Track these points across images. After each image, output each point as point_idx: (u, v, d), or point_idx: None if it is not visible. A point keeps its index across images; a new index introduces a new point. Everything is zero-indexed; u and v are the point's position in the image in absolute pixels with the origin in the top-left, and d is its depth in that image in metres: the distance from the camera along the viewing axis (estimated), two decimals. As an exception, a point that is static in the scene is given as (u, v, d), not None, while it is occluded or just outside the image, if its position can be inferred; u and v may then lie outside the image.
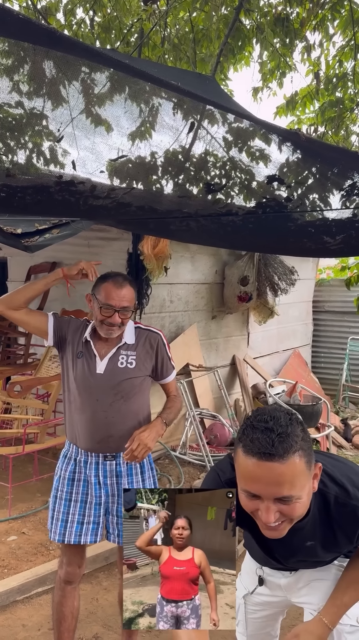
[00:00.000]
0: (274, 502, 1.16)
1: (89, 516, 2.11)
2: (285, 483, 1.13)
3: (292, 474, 1.13)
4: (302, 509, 1.20)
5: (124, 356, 2.13)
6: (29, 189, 2.08)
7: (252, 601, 1.71)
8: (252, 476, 1.15)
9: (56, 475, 2.18)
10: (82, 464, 2.13)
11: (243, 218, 2.35)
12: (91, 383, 2.09)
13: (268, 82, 4.85)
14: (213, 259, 5.58)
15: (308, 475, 1.19)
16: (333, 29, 4.39)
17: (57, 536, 2.10)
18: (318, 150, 2.10)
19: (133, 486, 2.14)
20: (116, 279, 2.10)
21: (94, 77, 1.83)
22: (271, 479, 1.13)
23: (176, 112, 2.04)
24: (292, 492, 1.14)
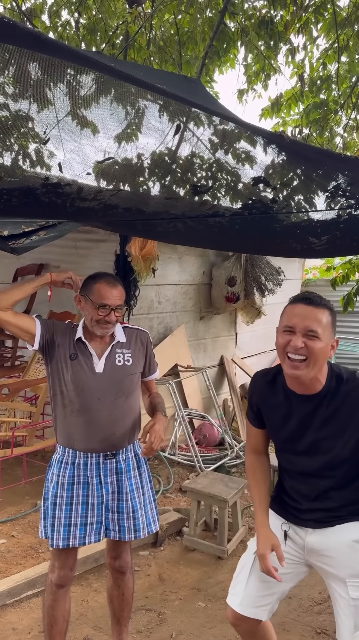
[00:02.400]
0: (303, 335, 1.60)
1: (92, 517, 2.12)
2: (315, 321, 1.60)
3: (320, 318, 1.60)
4: (319, 352, 1.59)
5: (120, 354, 2.17)
6: (15, 191, 2.08)
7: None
8: (295, 313, 1.64)
9: (51, 482, 2.14)
10: (81, 467, 2.12)
11: (230, 219, 2.37)
12: (91, 383, 2.10)
13: (253, 84, 4.89)
14: (201, 260, 5.60)
15: (329, 332, 1.62)
16: (316, 31, 4.44)
17: (60, 542, 2.07)
18: (302, 152, 2.13)
19: (131, 481, 2.18)
20: (108, 279, 2.15)
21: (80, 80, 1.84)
22: (307, 315, 1.61)
23: (162, 114, 2.05)
24: (318, 329, 1.59)
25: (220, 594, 2.96)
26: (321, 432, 1.69)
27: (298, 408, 1.72)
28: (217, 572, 3.19)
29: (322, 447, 1.70)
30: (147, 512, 2.22)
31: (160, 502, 4.02)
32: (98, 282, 2.12)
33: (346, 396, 1.66)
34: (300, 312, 1.62)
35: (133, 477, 2.19)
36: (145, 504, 2.22)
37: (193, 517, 3.45)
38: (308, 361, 1.60)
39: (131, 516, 2.16)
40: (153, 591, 2.99)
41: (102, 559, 3.15)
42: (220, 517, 3.34)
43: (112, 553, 2.27)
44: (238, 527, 3.51)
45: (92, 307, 2.09)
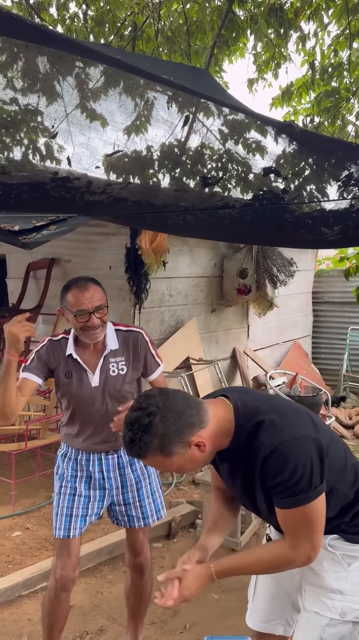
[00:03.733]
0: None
1: (92, 509, 2.15)
2: (157, 467, 1.49)
3: (155, 464, 1.39)
4: (191, 468, 1.40)
5: (114, 364, 2.11)
6: (25, 186, 2.08)
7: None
8: None
9: (56, 474, 2.19)
10: (83, 462, 2.15)
11: (240, 211, 2.35)
12: (88, 397, 2.09)
13: (263, 73, 4.82)
14: (212, 252, 5.58)
15: (172, 458, 1.35)
16: (327, 18, 4.36)
17: (62, 532, 2.09)
18: (313, 142, 2.10)
19: (138, 473, 2.20)
20: (78, 283, 2.03)
21: (88, 72, 1.82)
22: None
23: (170, 105, 2.03)
24: (167, 469, 1.41)
25: (233, 586, 2.96)
26: (242, 484, 1.49)
27: (222, 462, 1.54)
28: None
29: (249, 497, 1.52)
30: (156, 499, 2.24)
31: (173, 495, 4.03)
32: (70, 291, 2.02)
33: (250, 455, 1.39)
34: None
35: (138, 468, 2.20)
36: (153, 492, 2.23)
37: (206, 509, 3.45)
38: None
39: (138, 505, 2.18)
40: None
41: (116, 550, 3.18)
42: (233, 509, 3.34)
43: (133, 550, 2.26)
44: (251, 520, 3.51)
45: (71, 316, 2.01)
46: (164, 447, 1.33)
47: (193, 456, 1.36)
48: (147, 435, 1.31)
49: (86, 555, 3.07)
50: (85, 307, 1.98)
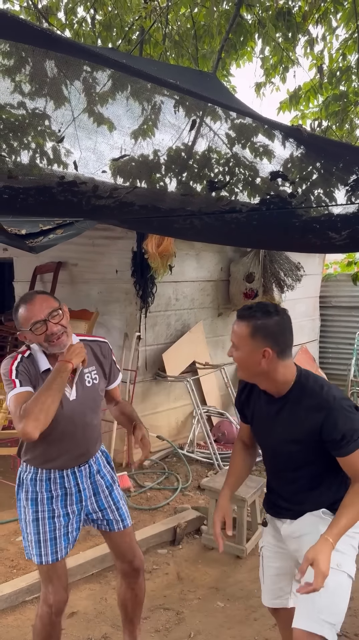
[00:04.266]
0: (232, 346, 1.84)
1: (72, 525, 2.09)
2: (233, 333, 1.83)
3: (237, 331, 1.80)
4: (239, 360, 1.81)
5: (88, 374, 2.10)
6: (32, 190, 2.07)
7: (266, 553, 1.99)
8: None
9: (27, 500, 2.08)
10: (57, 480, 2.07)
11: (247, 215, 2.33)
12: (66, 411, 2.01)
13: (271, 77, 4.81)
14: (218, 256, 5.56)
15: (251, 342, 1.75)
16: (336, 21, 4.35)
17: (49, 557, 2.02)
18: (321, 146, 2.08)
19: (107, 477, 2.20)
20: (23, 299, 2.00)
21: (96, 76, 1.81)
22: (233, 328, 1.84)
23: (177, 109, 2.02)
24: (234, 340, 1.82)
25: (238, 594, 2.93)
26: (281, 433, 1.82)
27: (266, 408, 1.88)
28: (236, 571, 3.17)
29: (282, 447, 1.84)
30: (124, 504, 2.24)
31: (179, 500, 4.01)
32: (18, 311, 1.98)
33: (307, 405, 1.76)
34: (233, 325, 1.87)
35: (106, 473, 2.21)
36: (122, 496, 2.25)
37: (212, 515, 3.43)
38: (237, 365, 1.85)
39: (114, 508, 2.17)
40: (171, 590, 2.98)
41: (121, 556, 3.16)
42: (239, 516, 3.31)
43: (124, 556, 2.22)
44: (257, 526, 3.48)
45: (30, 333, 1.94)
46: (256, 328, 1.75)
47: (254, 357, 1.75)
48: (259, 313, 1.77)
49: (90, 561, 3.05)
50: (37, 318, 1.92)
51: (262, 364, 1.75)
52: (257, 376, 1.82)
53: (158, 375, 4.94)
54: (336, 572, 1.68)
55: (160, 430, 4.94)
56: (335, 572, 1.67)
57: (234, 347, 1.82)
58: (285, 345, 1.78)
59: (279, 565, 1.95)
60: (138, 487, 4.17)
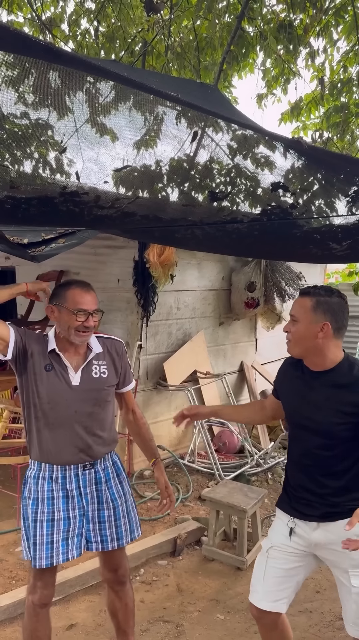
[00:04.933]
0: (291, 319, 1.91)
1: (73, 530, 2.07)
2: (295, 307, 1.90)
3: (300, 304, 1.88)
4: (298, 334, 1.88)
5: (96, 366, 2.12)
6: (34, 200, 2.08)
7: (275, 555, 1.95)
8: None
9: (29, 499, 2.08)
10: (59, 480, 2.07)
11: (248, 225, 2.34)
12: (67, 395, 2.04)
13: (273, 88, 4.85)
14: (220, 265, 5.57)
15: (313, 316, 1.85)
16: (337, 34, 4.38)
17: (44, 561, 2.00)
18: (322, 157, 2.09)
19: (113, 490, 2.16)
20: (81, 284, 2.08)
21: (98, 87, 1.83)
22: (294, 303, 1.92)
23: (179, 121, 2.03)
24: (296, 313, 1.88)
25: (239, 606, 2.90)
26: (322, 406, 1.87)
27: (308, 381, 1.93)
28: (236, 583, 3.14)
29: (320, 421, 1.87)
30: (132, 518, 2.20)
31: (179, 511, 3.98)
32: (71, 289, 2.05)
33: (354, 380, 1.84)
34: (294, 302, 1.94)
35: (114, 485, 2.17)
36: (128, 511, 2.19)
37: (212, 526, 3.41)
38: (292, 340, 1.91)
39: (113, 525, 2.13)
40: (171, 602, 2.96)
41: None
42: (240, 527, 3.29)
43: (110, 566, 2.21)
44: (258, 538, 3.45)
45: (69, 314, 2.02)
46: (319, 302, 1.86)
47: (313, 330, 1.85)
48: (323, 291, 1.88)
49: (89, 572, 3.03)
50: (86, 307, 2.03)
51: (319, 337, 1.84)
52: (309, 351, 1.89)
53: (159, 385, 4.93)
54: None
55: (161, 440, 4.92)
56: None
57: (293, 320, 1.88)
58: (341, 324, 1.90)
59: (289, 568, 1.94)
60: (138, 498, 4.15)
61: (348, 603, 1.86)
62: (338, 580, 1.90)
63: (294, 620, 2.78)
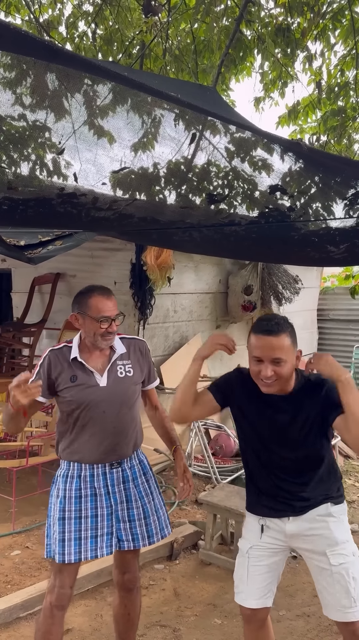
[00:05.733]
0: (270, 363, 1.83)
1: (102, 528, 2.09)
2: (276, 349, 1.82)
3: (282, 344, 1.82)
4: (287, 372, 1.84)
5: (121, 366, 2.16)
6: (31, 201, 2.08)
7: (254, 553, 1.99)
8: (259, 346, 1.84)
9: (57, 497, 2.11)
10: (87, 479, 2.10)
11: (246, 228, 2.34)
12: (96, 397, 2.09)
13: (270, 92, 4.86)
14: (217, 268, 5.57)
15: (293, 351, 1.86)
16: (334, 38, 4.40)
17: (72, 556, 2.03)
18: (320, 160, 2.09)
19: (140, 488, 2.17)
20: (102, 292, 2.13)
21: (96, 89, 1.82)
22: (270, 347, 1.82)
23: (177, 123, 2.03)
24: (281, 355, 1.82)
25: (236, 611, 2.88)
26: (289, 425, 1.91)
27: (272, 403, 1.93)
28: (233, 587, 3.12)
29: (288, 439, 1.91)
30: (160, 516, 2.21)
31: (176, 514, 3.96)
32: (93, 297, 2.10)
33: (311, 392, 1.90)
34: (265, 344, 1.83)
35: (141, 483, 2.18)
36: (157, 509, 2.21)
37: (209, 530, 3.39)
38: (279, 381, 1.86)
39: (143, 522, 2.15)
40: (168, 606, 2.94)
41: (117, 572, 3.11)
42: (237, 531, 3.27)
43: (121, 568, 2.23)
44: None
45: (92, 322, 2.07)
46: (293, 336, 1.86)
47: (293, 363, 1.86)
48: (281, 320, 1.87)
49: (86, 576, 3.01)
50: (109, 314, 2.08)
51: (298, 364, 1.90)
52: (288, 382, 1.89)
53: (156, 387, 4.91)
54: (356, 560, 1.90)
55: (157, 443, 4.89)
56: (356, 560, 1.89)
57: (277, 362, 1.83)
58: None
59: (269, 563, 1.99)
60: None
61: (330, 586, 1.89)
62: (316, 568, 1.94)
63: (292, 625, 2.77)
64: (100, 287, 2.17)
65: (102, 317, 2.06)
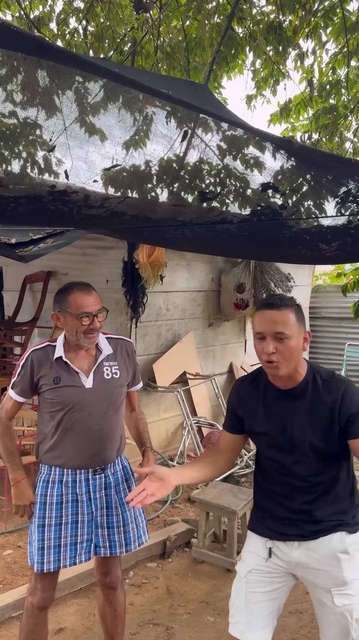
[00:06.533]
0: (273, 338, 1.68)
1: (82, 535, 2.06)
2: (279, 323, 1.67)
3: (285, 319, 1.68)
4: (291, 350, 1.68)
5: (108, 367, 2.11)
6: (22, 199, 2.06)
7: (254, 578, 1.78)
8: (261, 320, 1.71)
9: (37, 504, 2.08)
10: (69, 484, 2.06)
11: (238, 226, 2.34)
12: (81, 399, 2.04)
13: (262, 89, 4.86)
14: (209, 266, 5.57)
15: (298, 328, 1.70)
16: (325, 36, 4.41)
17: (52, 565, 2.00)
18: (312, 158, 2.09)
19: (121, 495, 2.14)
20: (80, 287, 2.06)
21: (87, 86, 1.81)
22: (271, 320, 1.68)
23: (169, 120, 2.02)
24: (285, 330, 1.67)
25: (229, 609, 2.89)
26: (301, 425, 1.72)
27: (279, 401, 1.77)
28: (226, 585, 3.13)
29: (301, 441, 1.72)
30: (139, 523, 2.19)
31: (168, 513, 3.96)
32: (72, 293, 2.03)
33: (326, 392, 1.71)
34: (267, 318, 1.70)
35: (122, 490, 2.15)
36: (136, 517, 2.18)
37: (202, 528, 3.39)
38: (284, 362, 1.69)
39: (121, 530, 2.11)
40: (161, 604, 2.94)
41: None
42: (229, 528, 3.28)
43: (101, 569, 2.22)
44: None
45: (73, 319, 2.01)
46: (299, 313, 1.72)
47: (300, 343, 1.71)
48: (287, 299, 1.73)
49: (78, 575, 3.00)
50: (90, 310, 2.01)
51: (303, 349, 1.73)
52: (294, 367, 1.72)
53: (148, 386, 4.91)
54: None
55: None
56: None
57: (284, 338, 1.66)
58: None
59: (270, 590, 1.78)
60: (127, 499, 4.12)
61: (329, 625, 1.72)
62: (318, 601, 1.76)
63: (284, 622, 2.78)
64: (80, 283, 2.10)
65: (82, 314, 1.99)
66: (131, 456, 2.40)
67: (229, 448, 1.90)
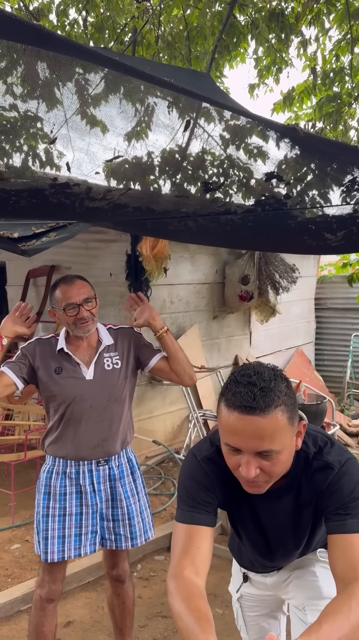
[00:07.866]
0: (254, 456, 1.13)
1: (86, 526, 2.07)
2: (265, 437, 1.10)
3: (273, 428, 1.10)
4: (282, 466, 1.17)
5: (108, 358, 2.12)
6: (24, 192, 2.04)
7: (246, 603, 1.72)
8: (233, 430, 1.12)
9: (41, 494, 2.09)
10: (73, 476, 2.07)
11: (242, 217, 2.31)
12: (82, 391, 2.05)
13: (264, 78, 4.80)
14: (213, 258, 5.54)
15: (291, 432, 1.16)
16: (328, 23, 4.34)
17: (55, 555, 2.02)
18: (316, 146, 2.06)
19: (126, 488, 2.14)
20: (65, 280, 2.10)
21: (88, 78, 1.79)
22: (252, 433, 1.10)
23: (171, 110, 2.00)
24: (272, 446, 1.12)
25: (237, 600, 2.90)
26: (283, 528, 1.39)
27: (259, 504, 1.35)
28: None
29: (283, 543, 1.43)
30: (144, 518, 2.18)
31: (175, 506, 3.96)
32: (57, 288, 2.08)
33: (310, 479, 1.29)
34: (244, 428, 1.11)
35: (127, 483, 2.15)
36: (141, 511, 2.17)
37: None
38: (270, 478, 1.19)
39: (127, 523, 2.11)
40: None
41: (117, 563, 3.11)
42: (237, 520, 3.27)
43: (109, 562, 2.23)
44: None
45: (62, 313, 2.05)
46: (289, 403, 1.13)
47: (293, 443, 1.19)
48: (274, 382, 1.12)
49: (86, 568, 3.01)
50: (73, 300, 2.03)
51: (298, 445, 1.23)
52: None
53: (153, 379, 4.91)
54: None
55: (156, 435, 4.90)
56: None
57: (272, 455, 1.14)
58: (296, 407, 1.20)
59: (265, 613, 1.71)
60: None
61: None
62: (293, 617, 1.58)
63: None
64: (67, 275, 2.13)
65: (66, 305, 2.03)
66: (137, 449, 2.39)
67: (210, 548, 1.34)
